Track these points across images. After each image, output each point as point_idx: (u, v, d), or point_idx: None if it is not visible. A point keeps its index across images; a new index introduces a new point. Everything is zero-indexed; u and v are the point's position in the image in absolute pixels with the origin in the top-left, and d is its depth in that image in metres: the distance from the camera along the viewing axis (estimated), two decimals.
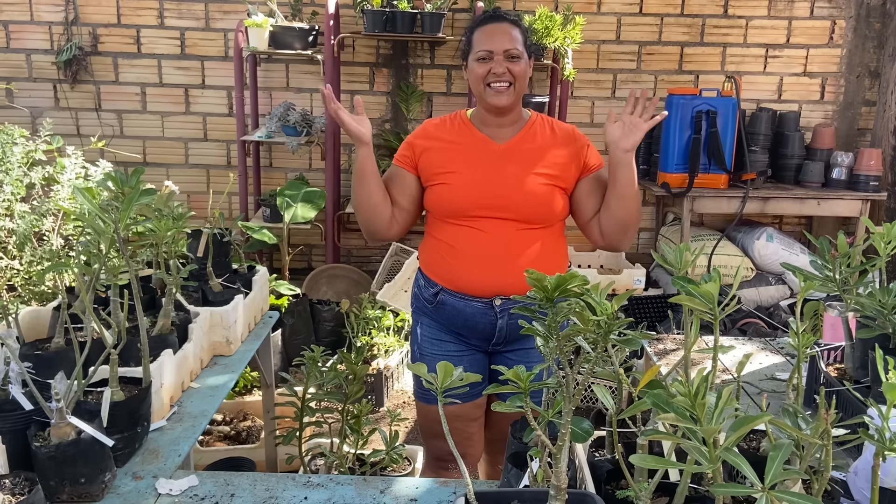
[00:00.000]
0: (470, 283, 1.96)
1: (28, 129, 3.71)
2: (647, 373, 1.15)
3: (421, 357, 2.09)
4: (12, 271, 3.35)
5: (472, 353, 2.04)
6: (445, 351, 2.04)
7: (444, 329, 2.06)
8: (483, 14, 2.04)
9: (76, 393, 1.41)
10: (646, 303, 3.87)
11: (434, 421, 2.07)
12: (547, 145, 2.00)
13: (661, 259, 1.30)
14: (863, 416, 1.05)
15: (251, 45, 4.05)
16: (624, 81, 4.59)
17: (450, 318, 2.02)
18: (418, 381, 2.12)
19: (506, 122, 2.01)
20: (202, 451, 2.72)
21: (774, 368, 2.12)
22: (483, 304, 1.95)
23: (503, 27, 1.95)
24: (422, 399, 2.11)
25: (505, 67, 1.92)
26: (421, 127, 2.09)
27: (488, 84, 1.93)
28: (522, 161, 1.97)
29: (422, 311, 2.10)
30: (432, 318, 2.07)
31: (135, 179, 1.46)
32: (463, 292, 1.97)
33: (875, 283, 1.65)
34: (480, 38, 1.96)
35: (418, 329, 2.11)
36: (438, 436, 2.06)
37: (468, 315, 1.97)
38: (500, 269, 1.94)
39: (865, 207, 4.18)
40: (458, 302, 1.98)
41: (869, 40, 4.57)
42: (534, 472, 1.23)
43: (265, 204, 4.17)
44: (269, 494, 1.45)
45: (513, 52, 1.93)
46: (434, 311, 2.04)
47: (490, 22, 1.97)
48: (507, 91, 1.93)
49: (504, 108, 1.96)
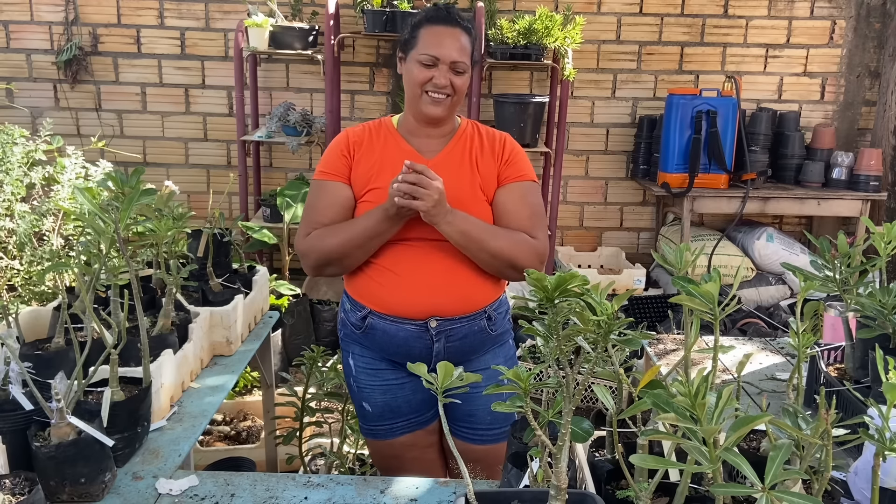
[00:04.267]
0: (401, 304, 1.80)
1: (28, 129, 3.70)
2: (647, 373, 1.15)
3: (359, 391, 1.93)
4: (12, 271, 3.35)
5: (412, 380, 1.88)
6: (384, 380, 1.89)
7: (378, 357, 1.90)
8: (435, 8, 1.85)
9: (76, 393, 1.41)
10: (646, 303, 3.87)
11: (387, 456, 1.96)
12: (475, 155, 1.87)
13: (661, 259, 1.30)
14: (863, 416, 1.05)
15: (251, 45, 4.05)
16: (624, 81, 4.59)
17: (381, 344, 1.86)
18: (361, 417, 1.96)
19: (435, 134, 1.88)
20: (202, 451, 2.72)
21: (774, 368, 2.12)
22: (416, 327, 1.81)
23: (455, 33, 1.80)
24: (368, 435, 1.97)
25: (448, 79, 1.78)
26: (343, 136, 1.90)
27: (426, 91, 1.80)
28: (453, 175, 1.82)
29: (350, 338, 1.94)
30: (363, 346, 1.92)
31: (135, 179, 1.46)
32: (394, 315, 1.81)
33: (875, 283, 1.65)
34: (428, 38, 1.79)
35: (350, 360, 1.94)
36: (393, 469, 1.94)
37: (401, 339, 1.82)
38: (433, 289, 1.80)
39: (865, 207, 4.18)
40: (390, 326, 1.82)
41: (869, 40, 4.57)
42: (534, 472, 1.23)
43: (265, 204, 4.17)
44: (269, 494, 1.45)
45: (459, 67, 1.79)
46: (363, 337, 1.88)
47: (442, 23, 1.81)
48: (444, 102, 1.80)
49: (437, 119, 1.84)
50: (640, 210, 4.78)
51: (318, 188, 1.87)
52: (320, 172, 1.89)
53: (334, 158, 1.87)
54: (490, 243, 1.76)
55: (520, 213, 1.84)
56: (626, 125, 4.63)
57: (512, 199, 1.85)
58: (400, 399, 1.91)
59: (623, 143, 4.63)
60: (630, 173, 4.65)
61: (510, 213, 1.84)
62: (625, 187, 4.68)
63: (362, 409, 1.95)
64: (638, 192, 4.73)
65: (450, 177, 1.79)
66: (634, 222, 4.79)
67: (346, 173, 1.86)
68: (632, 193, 4.73)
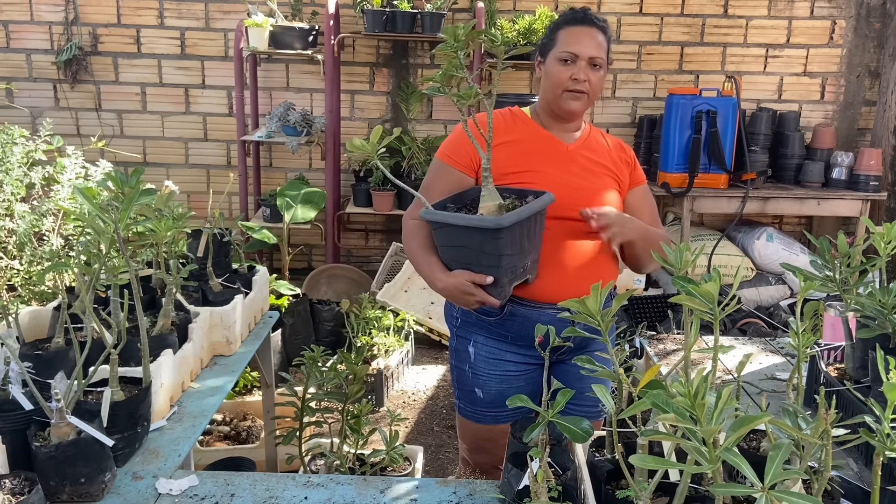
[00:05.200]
0: (547, 290, 1.85)
1: (28, 129, 3.71)
2: (647, 373, 1.15)
3: (475, 377, 1.96)
4: (12, 271, 3.35)
5: (528, 371, 1.95)
6: (504, 371, 1.94)
7: (506, 346, 1.94)
8: (572, 12, 1.96)
9: (76, 393, 1.41)
10: (646, 303, 3.87)
11: (482, 438, 2.00)
12: (605, 151, 1.99)
13: (660, 259, 1.30)
14: (863, 416, 1.05)
15: (251, 45, 4.05)
16: (624, 81, 4.59)
17: (519, 331, 1.89)
18: (469, 401, 2.00)
19: (570, 128, 1.97)
20: (202, 451, 2.72)
21: (774, 368, 2.12)
22: (557, 312, 1.84)
23: (591, 32, 1.89)
24: (471, 419, 2.01)
25: (587, 74, 1.86)
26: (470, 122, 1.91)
27: (566, 88, 1.88)
28: (591, 163, 1.94)
29: (476, 326, 1.96)
30: (491, 335, 1.94)
31: (135, 179, 1.46)
32: (536, 300, 1.86)
33: (875, 283, 1.65)
34: (567, 38, 1.88)
35: (471, 348, 1.96)
36: (481, 450, 2.01)
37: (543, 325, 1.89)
38: (576, 275, 1.86)
39: (865, 207, 4.18)
40: (531, 312, 1.86)
41: (869, 40, 4.58)
42: (534, 471, 1.23)
43: (265, 204, 4.17)
44: (269, 494, 1.45)
45: (597, 61, 1.87)
46: (497, 325, 1.91)
47: (580, 23, 1.90)
48: (582, 98, 1.89)
49: (575, 114, 1.92)
50: None
51: (439, 169, 1.96)
52: (444, 154, 1.96)
53: (459, 145, 1.94)
54: (655, 241, 1.91)
55: (648, 211, 2.04)
56: (626, 125, 4.63)
57: (640, 200, 2.04)
58: (514, 389, 1.94)
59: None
60: None
61: (642, 211, 2.02)
62: None
63: (473, 395, 1.99)
64: None
65: (589, 165, 1.94)
66: None
67: (468, 162, 1.93)
68: None
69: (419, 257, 1.89)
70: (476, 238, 1.68)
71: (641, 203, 2.03)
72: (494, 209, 1.70)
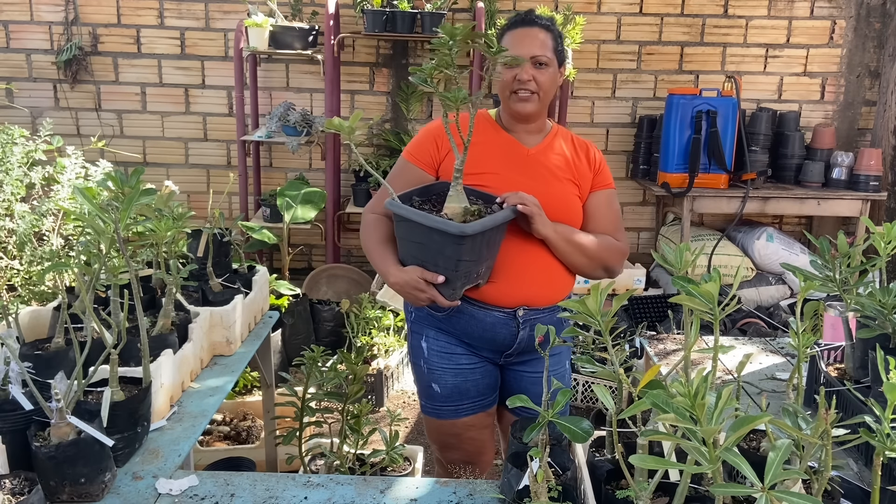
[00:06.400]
0: (496, 292, 1.87)
1: (28, 129, 3.71)
2: (647, 373, 1.15)
3: (430, 373, 1.99)
4: (12, 271, 3.35)
5: (483, 365, 1.98)
6: (457, 364, 1.96)
7: (455, 341, 1.97)
8: (515, 16, 1.99)
9: (76, 393, 1.41)
10: (646, 303, 3.87)
11: (447, 434, 2.03)
12: (571, 154, 1.98)
13: (661, 259, 1.30)
14: (863, 416, 1.05)
15: (251, 45, 4.05)
16: (624, 81, 4.59)
17: (465, 328, 1.93)
18: (427, 397, 2.03)
19: (532, 129, 1.98)
20: (202, 451, 2.72)
21: (774, 368, 2.12)
22: (505, 315, 1.88)
23: (533, 31, 1.90)
24: (432, 415, 2.04)
25: (531, 74, 1.87)
26: (436, 123, 1.98)
27: (513, 91, 1.89)
28: (551, 167, 1.94)
29: (426, 322, 2.00)
30: (440, 330, 1.98)
31: (135, 179, 1.46)
32: (485, 302, 1.88)
33: (875, 283, 1.65)
34: (510, 41, 1.90)
35: (423, 343, 2.00)
36: (450, 447, 2.04)
37: (487, 325, 1.90)
38: (526, 281, 1.88)
39: (865, 207, 4.18)
40: (478, 311, 1.89)
41: (869, 40, 4.58)
42: (534, 471, 1.23)
43: (265, 204, 4.17)
44: (269, 494, 1.45)
45: (540, 59, 1.88)
46: (445, 321, 1.95)
47: (521, 26, 1.92)
48: (531, 99, 1.89)
49: (528, 115, 1.93)
50: (640, 210, 4.78)
51: (402, 167, 1.99)
52: (408, 153, 2.00)
53: (423, 144, 1.97)
54: (588, 249, 1.91)
55: (606, 218, 2.00)
56: (626, 125, 4.63)
57: (600, 205, 2.00)
58: (469, 382, 1.98)
59: (623, 143, 4.64)
60: (630, 173, 4.65)
61: (598, 217, 1.99)
62: (625, 187, 4.68)
63: (430, 390, 2.01)
64: (638, 191, 4.73)
65: (549, 169, 1.94)
66: (634, 222, 4.79)
67: (430, 160, 1.95)
68: (632, 193, 4.73)
69: (376, 251, 1.91)
70: (437, 239, 1.69)
71: (599, 208, 1.99)
72: (459, 211, 1.71)
